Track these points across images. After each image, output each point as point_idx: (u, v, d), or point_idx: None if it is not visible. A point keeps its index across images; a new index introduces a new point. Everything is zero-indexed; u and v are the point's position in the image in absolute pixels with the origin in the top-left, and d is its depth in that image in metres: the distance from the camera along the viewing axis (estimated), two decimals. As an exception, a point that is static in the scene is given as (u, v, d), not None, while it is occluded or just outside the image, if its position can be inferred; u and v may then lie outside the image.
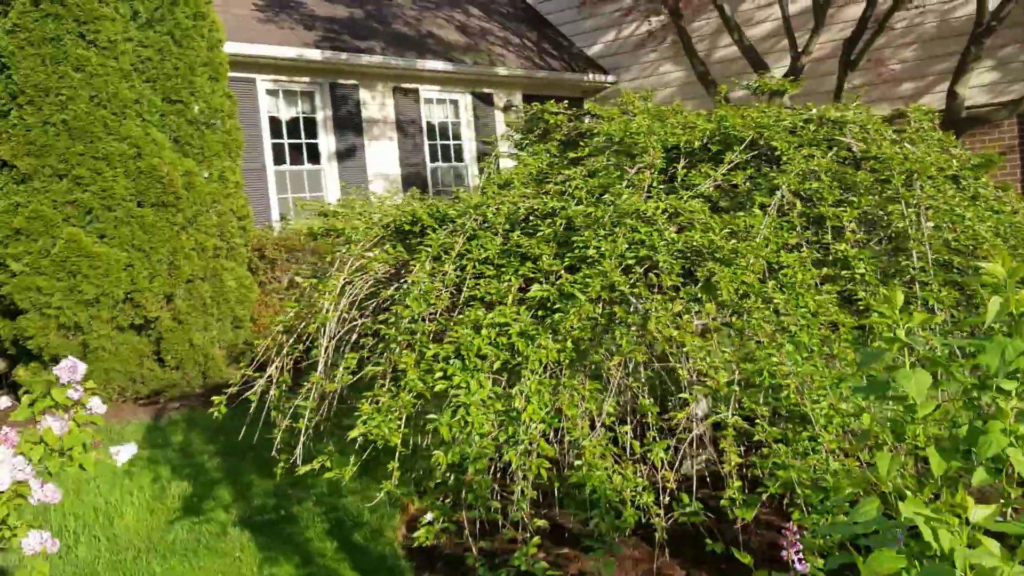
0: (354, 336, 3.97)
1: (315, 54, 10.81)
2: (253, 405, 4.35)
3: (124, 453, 2.73)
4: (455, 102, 13.11)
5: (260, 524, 5.07)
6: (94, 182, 7.49)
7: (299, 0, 11.89)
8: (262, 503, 5.43)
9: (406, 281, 4.08)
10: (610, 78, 14.71)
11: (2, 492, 2.61)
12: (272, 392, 4.30)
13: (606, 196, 3.76)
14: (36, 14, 7.46)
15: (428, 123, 12.69)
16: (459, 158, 13.19)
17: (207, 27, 8.34)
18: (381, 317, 3.60)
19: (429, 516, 3.06)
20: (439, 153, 12.90)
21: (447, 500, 3.15)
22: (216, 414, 4.19)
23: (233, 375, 8.47)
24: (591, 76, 14.45)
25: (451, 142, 13.08)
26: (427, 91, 12.60)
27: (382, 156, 12.01)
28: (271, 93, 10.93)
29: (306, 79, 11.18)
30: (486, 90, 13.38)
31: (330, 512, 5.18)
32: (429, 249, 3.70)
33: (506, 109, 13.64)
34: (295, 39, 10.89)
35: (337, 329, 3.89)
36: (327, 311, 3.96)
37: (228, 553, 4.67)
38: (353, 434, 3.19)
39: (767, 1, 13.31)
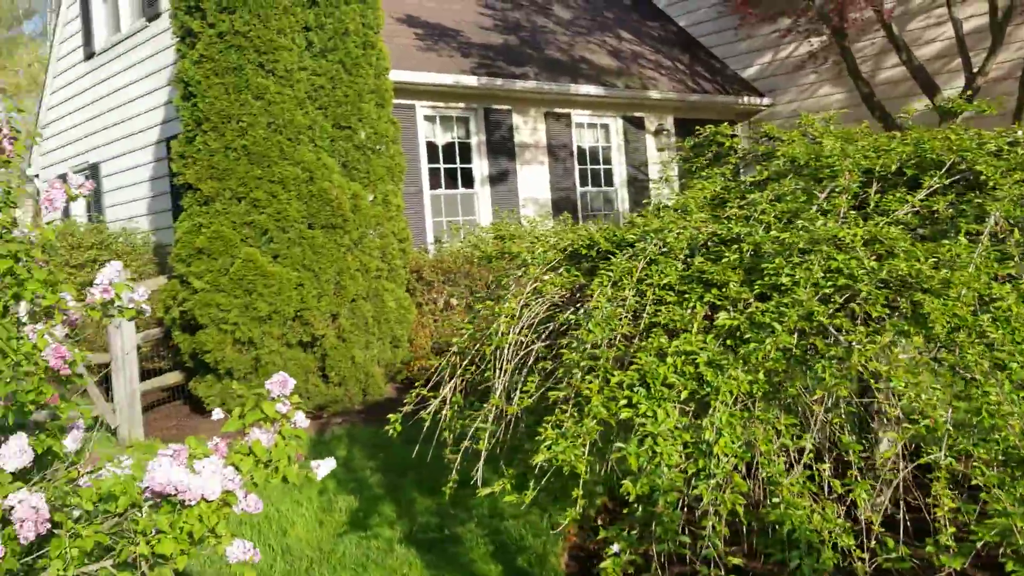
0: (530, 359, 3.96)
1: (471, 80, 11.03)
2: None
3: (324, 468, 2.79)
4: (606, 126, 13.09)
5: (425, 542, 5.13)
6: (270, 204, 7.85)
7: (457, 29, 12.18)
8: (425, 521, 5.50)
9: (581, 305, 4.04)
10: (765, 101, 14.34)
11: (211, 501, 2.70)
12: (445, 412, 4.33)
13: (798, 222, 3.61)
14: (221, 45, 7.92)
15: (579, 147, 12.71)
16: (608, 183, 13.14)
17: (375, 56, 8.63)
18: (563, 341, 3.57)
19: (616, 547, 2.99)
20: (589, 177, 12.90)
21: (633, 531, 3.07)
22: (391, 431, 4.26)
23: (391, 393, 8.67)
24: (745, 99, 14.13)
25: (601, 166, 13.05)
26: (578, 115, 12.63)
27: (533, 180, 12.10)
28: (429, 119, 11.22)
29: (462, 105, 11.41)
30: (637, 114, 13.30)
31: (493, 535, 5.17)
32: (610, 273, 3.65)
33: (658, 133, 13.51)
34: (453, 66, 11.15)
35: (513, 352, 3.88)
36: (503, 334, 3.96)
37: (396, 570, 4.74)
38: (538, 459, 3.16)
39: (937, 20, 12.68)
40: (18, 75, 32.13)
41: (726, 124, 5.52)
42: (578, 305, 4.05)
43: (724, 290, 3.52)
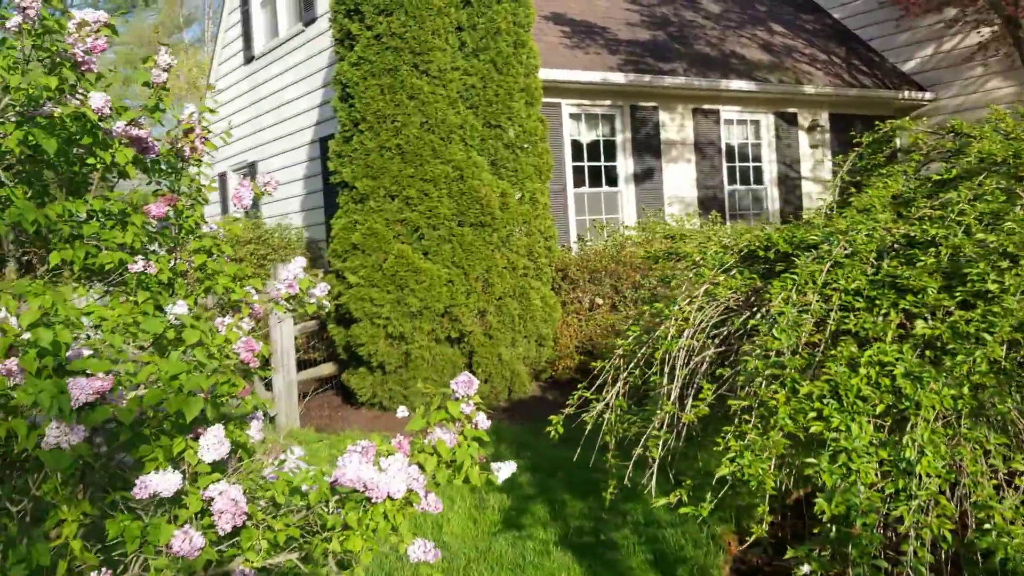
0: (703, 365, 3.81)
1: (619, 77, 10.88)
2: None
3: (505, 471, 2.75)
4: (756, 123, 12.67)
5: (580, 547, 5.05)
6: (421, 202, 7.96)
7: (604, 26, 12.05)
8: (579, 525, 5.42)
9: (758, 310, 3.86)
10: (927, 96, 13.56)
11: (396, 499, 2.70)
12: (608, 416, 4.24)
13: (1005, 224, 3.33)
14: (378, 47, 8.08)
15: (727, 144, 12.36)
16: (758, 181, 12.72)
17: (525, 54, 8.62)
18: (745, 347, 3.41)
19: (806, 568, 2.82)
20: (737, 175, 12.52)
21: (824, 553, 2.89)
22: (553, 433, 4.20)
23: (536, 391, 8.65)
24: (906, 93, 13.39)
25: (750, 164, 12.64)
26: (727, 112, 12.28)
27: (679, 178, 11.84)
28: (574, 117, 11.15)
29: (607, 102, 11.28)
30: (790, 110, 12.81)
31: (650, 543, 5.04)
32: (794, 276, 3.46)
33: (811, 129, 12.98)
34: (600, 64, 11.03)
35: (686, 357, 3.75)
36: (673, 337, 3.83)
37: (553, 573, 4.68)
38: (722, 471, 3.02)
39: None
40: (179, 79, 34.09)
41: (876, 121, 5.20)
42: (754, 309, 3.88)
43: (920, 296, 3.28)
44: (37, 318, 2.25)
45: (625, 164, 11.50)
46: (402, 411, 2.78)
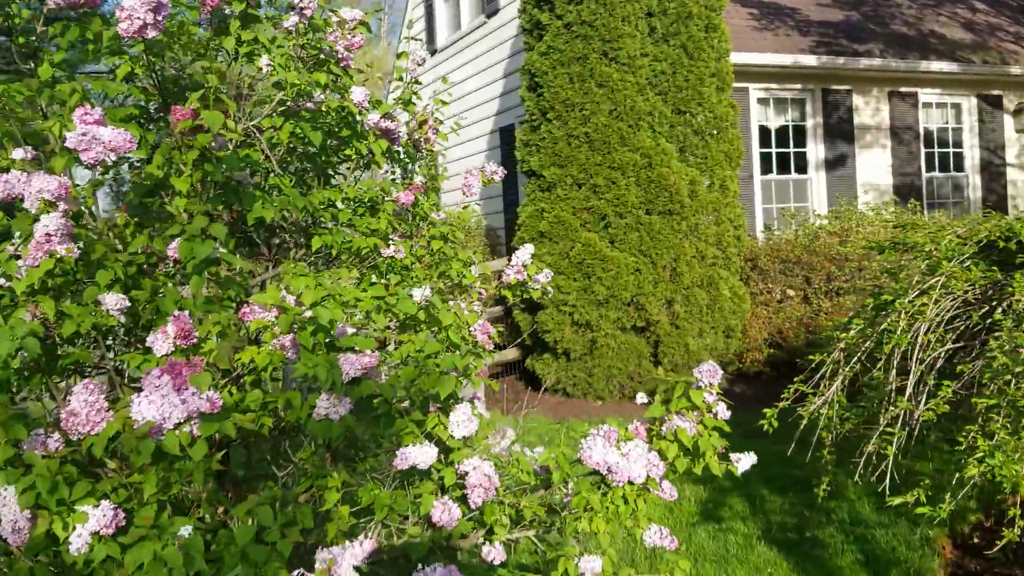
0: (938, 361, 3.62)
1: (810, 60, 10.47)
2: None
3: (745, 462, 2.72)
4: (956, 106, 11.89)
5: (783, 543, 4.93)
6: (609, 190, 7.96)
7: (793, 7, 11.62)
8: (780, 521, 5.30)
9: (999, 303, 3.64)
10: None
11: (635, 484, 2.72)
12: (826, 412, 4.11)
13: None
14: (567, 36, 8.13)
15: (925, 129, 11.66)
16: (958, 167, 11.94)
17: (717, 38, 8.45)
18: (992, 343, 3.22)
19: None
20: (936, 162, 11.80)
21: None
22: (767, 427, 4.11)
23: (723, 383, 8.48)
24: None
25: (950, 150, 11.88)
26: (926, 95, 11.58)
27: (873, 165, 11.28)
28: (762, 102, 10.82)
29: (797, 86, 10.88)
30: (994, 92, 11.94)
31: (858, 543, 4.86)
32: (1049, 269, 3.24)
33: (1018, 112, 12.05)
34: (790, 46, 10.65)
35: (920, 352, 3.58)
36: (903, 332, 3.66)
37: (760, 568, 4.59)
38: (971, 472, 2.87)
39: None
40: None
41: None
42: (994, 303, 3.65)
43: None
44: (319, 298, 2.41)
45: (815, 150, 11.07)
46: (641, 397, 2.79)
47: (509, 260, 3.49)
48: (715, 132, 8.42)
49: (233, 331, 2.48)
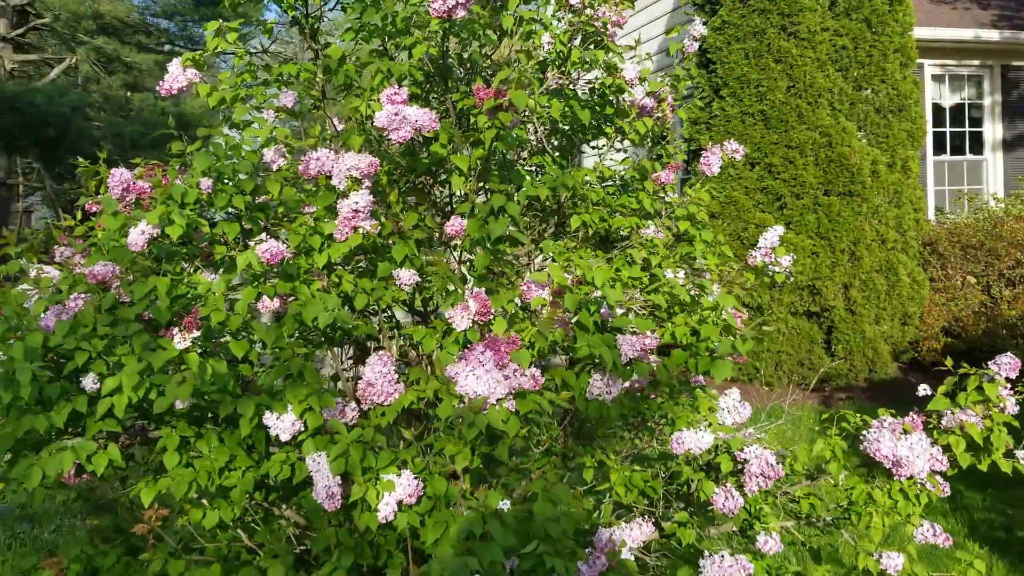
0: None
1: (992, 35, 9.86)
2: None
3: (1037, 459, 2.58)
4: None
5: (993, 540, 4.71)
6: (785, 170, 7.72)
7: (972, -23, 10.97)
8: (984, 518, 5.06)
9: None
10: None
11: (914, 479, 2.62)
12: None
13: None
14: (743, 10, 7.90)
15: (1117, 107, 10.83)
16: None
17: (901, 11, 8.05)
18: None
19: None
20: None
21: None
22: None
23: (896, 372, 8.17)
24: None
25: None
26: (1121, 70, 10.75)
27: (1056, 146, 10.57)
28: (936, 79, 10.29)
29: (975, 62, 10.28)
30: None
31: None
32: None
33: None
34: (969, 20, 10.06)
35: None
36: None
37: (972, 565, 4.38)
38: None
39: None
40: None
41: None
42: None
43: None
44: (608, 279, 2.40)
45: (992, 130, 10.45)
46: (924, 388, 2.68)
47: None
48: (897, 110, 8.05)
49: (512, 307, 2.50)
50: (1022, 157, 10.43)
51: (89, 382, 2.24)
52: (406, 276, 2.48)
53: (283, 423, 2.29)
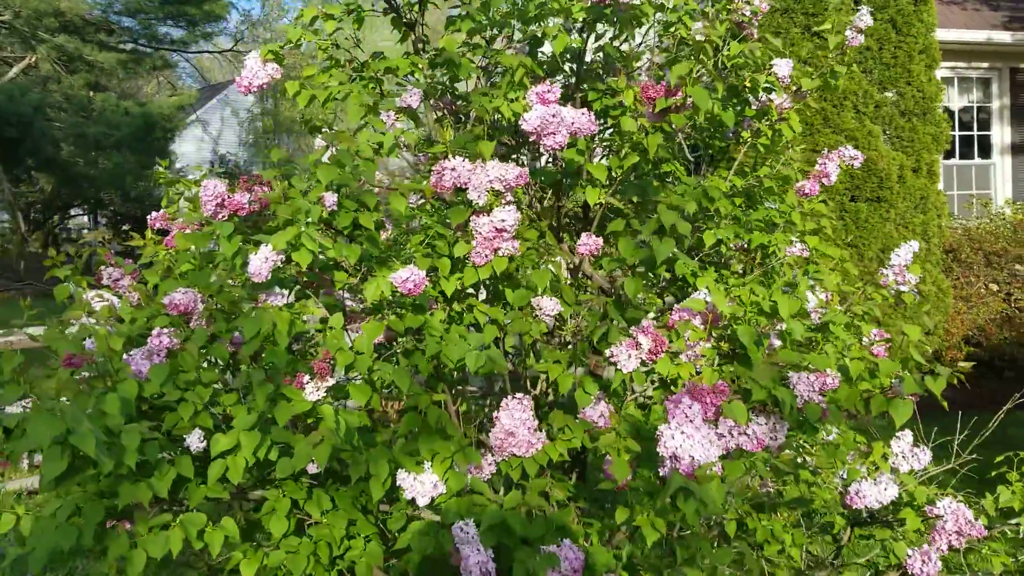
0: None
1: (1004, 36, 9.73)
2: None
3: None
4: None
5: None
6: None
7: (979, -22, 10.85)
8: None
9: None
10: None
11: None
12: None
13: None
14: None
15: (1118, 112, 10.78)
16: None
17: (926, 11, 7.84)
18: None
19: None
20: None
21: None
22: None
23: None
24: None
25: None
26: (1121, 74, 10.70)
27: (1061, 150, 10.48)
28: (945, 81, 10.12)
29: (984, 64, 10.15)
30: None
31: None
32: None
33: None
34: (980, 21, 9.92)
35: None
36: None
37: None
38: None
39: None
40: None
41: None
42: None
43: None
44: (795, 309, 2.07)
45: (1001, 133, 10.33)
46: None
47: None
48: (922, 113, 7.83)
49: (682, 344, 2.16)
50: (1028, 162, 10.32)
51: (195, 440, 1.85)
52: (549, 306, 2.13)
53: (422, 485, 1.92)
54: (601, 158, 2.53)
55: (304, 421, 1.83)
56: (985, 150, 10.36)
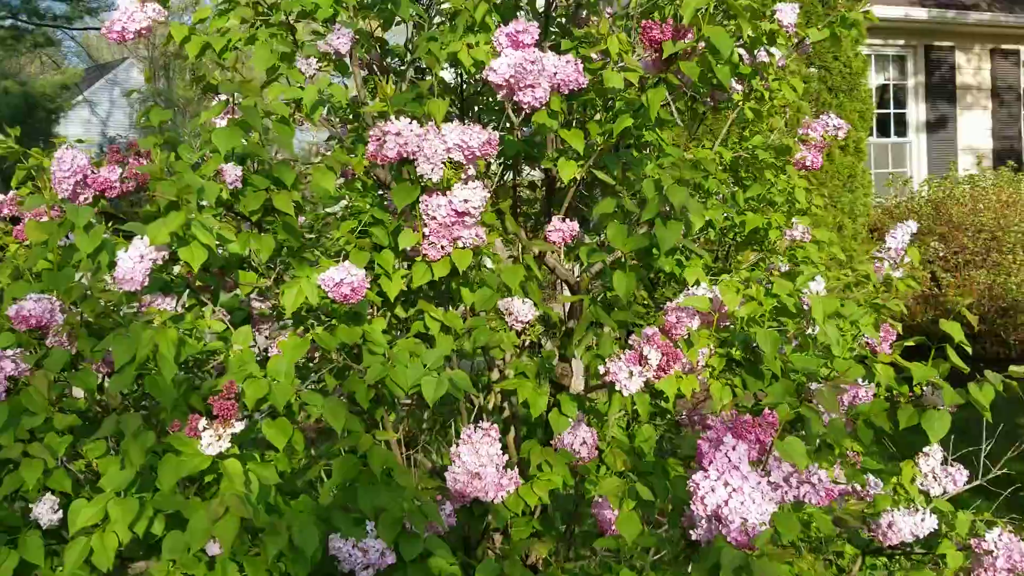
0: None
1: (920, 13, 9.69)
2: None
3: None
4: (1055, 65, 11.17)
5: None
6: (743, 152, 7.20)
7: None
8: None
9: None
10: None
11: None
12: None
13: None
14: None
15: (1025, 90, 10.95)
16: (1054, 131, 11.26)
17: (852, -16, 7.65)
18: None
19: None
20: (1034, 125, 11.11)
21: None
22: None
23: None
24: None
25: (1047, 111, 11.19)
26: (1028, 52, 10.85)
27: (972, 127, 10.57)
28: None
29: (900, 42, 10.11)
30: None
31: None
32: None
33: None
34: (897, -3, 9.87)
35: None
36: None
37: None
38: None
39: None
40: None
41: None
42: None
43: None
44: (832, 310, 1.67)
45: (916, 111, 10.33)
46: None
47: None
48: (849, 89, 7.66)
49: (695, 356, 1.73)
50: (939, 140, 10.36)
51: (46, 511, 1.32)
52: (523, 310, 1.67)
53: (364, 554, 1.44)
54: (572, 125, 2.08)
55: (200, 479, 1.34)
56: (901, 128, 10.35)
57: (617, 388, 1.54)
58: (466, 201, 1.50)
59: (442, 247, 1.54)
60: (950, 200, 8.37)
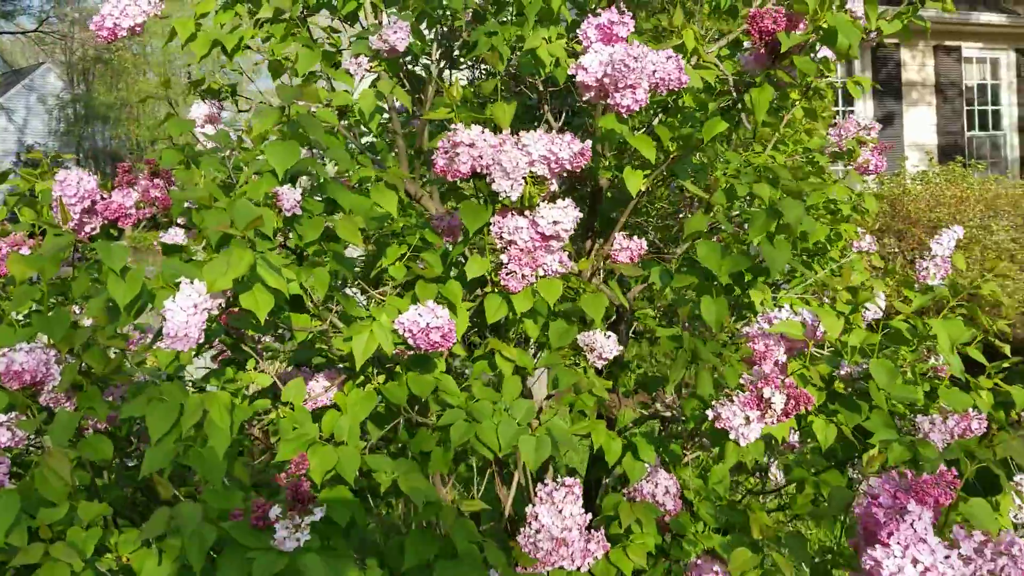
0: None
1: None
2: None
3: None
4: (995, 61, 11.40)
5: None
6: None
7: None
8: None
9: None
10: None
11: None
12: None
13: None
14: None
15: (966, 86, 11.14)
16: (996, 126, 11.49)
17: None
18: None
19: None
20: (976, 120, 11.31)
21: None
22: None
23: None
24: None
25: (988, 108, 11.41)
26: (969, 49, 11.04)
27: (918, 124, 10.71)
28: (812, 56, 10.09)
29: (847, 39, 10.17)
30: (1030, 46, 11.50)
31: None
32: None
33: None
34: (843, -5, 9.92)
35: None
36: None
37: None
38: None
39: None
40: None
41: None
42: None
43: None
44: (961, 336, 1.48)
45: (864, 108, 10.42)
46: None
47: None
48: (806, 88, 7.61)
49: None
50: (887, 136, 10.45)
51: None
52: (607, 346, 1.44)
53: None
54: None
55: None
56: (850, 125, 10.41)
57: (732, 437, 1.33)
58: (556, 223, 1.27)
59: (523, 276, 1.31)
60: (906, 197, 8.42)
